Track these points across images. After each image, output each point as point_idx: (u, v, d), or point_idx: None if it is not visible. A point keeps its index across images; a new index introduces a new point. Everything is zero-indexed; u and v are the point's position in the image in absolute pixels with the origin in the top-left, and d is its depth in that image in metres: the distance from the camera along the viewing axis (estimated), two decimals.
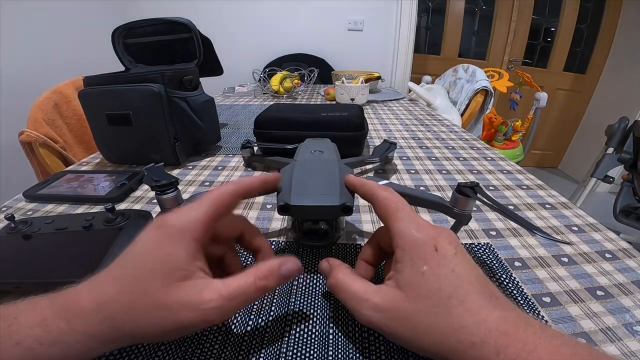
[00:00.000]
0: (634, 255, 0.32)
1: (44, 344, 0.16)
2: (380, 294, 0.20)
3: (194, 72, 0.54)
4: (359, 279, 0.21)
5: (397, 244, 0.20)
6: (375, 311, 0.19)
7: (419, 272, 0.18)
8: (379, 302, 0.19)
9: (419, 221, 0.21)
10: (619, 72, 2.29)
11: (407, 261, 0.19)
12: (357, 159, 0.48)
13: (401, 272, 0.19)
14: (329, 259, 0.24)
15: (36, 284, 0.25)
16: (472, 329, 0.16)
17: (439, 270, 0.18)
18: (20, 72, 1.36)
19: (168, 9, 1.95)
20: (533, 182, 0.48)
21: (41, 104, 0.78)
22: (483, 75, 1.24)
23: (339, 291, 0.21)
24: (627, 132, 1.40)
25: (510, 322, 0.16)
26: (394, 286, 0.19)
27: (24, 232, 0.31)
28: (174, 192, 0.30)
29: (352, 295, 0.20)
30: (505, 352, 0.15)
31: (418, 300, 0.18)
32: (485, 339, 0.16)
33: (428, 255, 0.19)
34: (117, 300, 0.17)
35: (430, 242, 0.19)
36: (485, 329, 0.16)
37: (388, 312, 0.19)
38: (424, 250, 0.19)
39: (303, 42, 2.06)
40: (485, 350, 0.16)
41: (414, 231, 0.20)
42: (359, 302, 0.20)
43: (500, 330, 0.16)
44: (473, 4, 2.32)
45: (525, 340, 0.15)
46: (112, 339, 0.17)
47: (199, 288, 0.18)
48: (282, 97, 1.15)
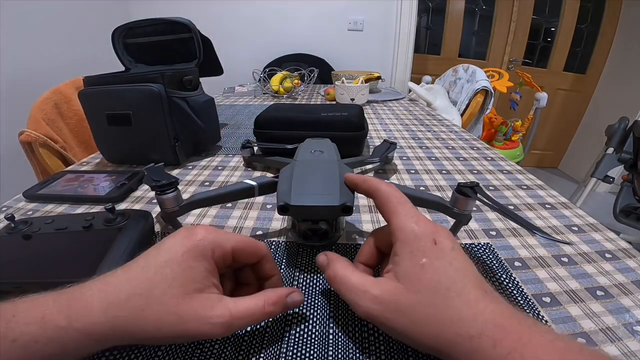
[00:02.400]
0: (634, 255, 0.32)
1: (39, 342, 0.16)
2: (379, 286, 0.20)
3: (194, 72, 0.54)
4: (358, 272, 0.21)
5: (397, 238, 0.20)
6: (374, 303, 0.19)
7: (418, 264, 0.19)
8: (378, 294, 0.19)
9: (418, 216, 0.21)
10: (619, 72, 2.29)
11: (406, 254, 0.19)
12: (357, 159, 0.48)
13: (400, 265, 0.19)
14: (327, 253, 0.24)
15: (36, 284, 0.25)
16: (469, 321, 0.17)
17: (437, 262, 0.19)
18: (20, 72, 1.36)
19: (168, 9, 1.95)
20: (533, 182, 0.48)
21: (41, 104, 0.78)
22: (483, 75, 1.23)
23: (337, 283, 0.21)
24: (627, 132, 1.40)
25: (505, 315, 0.17)
26: (393, 278, 0.19)
27: (24, 232, 0.30)
28: (174, 192, 0.30)
29: (350, 288, 0.20)
30: (502, 344, 0.15)
31: (417, 292, 0.18)
32: (482, 331, 0.16)
33: (427, 248, 0.19)
34: (130, 301, 0.18)
35: (429, 235, 0.20)
36: (482, 321, 0.16)
37: (387, 304, 0.19)
38: (423, 243, 0.19)
39: (303, 42, 2.06)
40: (482, 343, 0.16)
41: (414, 225, 0.20)
42: (357, 294, 0.20)
43: (496, 323, 0.16)
44: (473, 4, 2.32)
45: (520, 334, 0.16)
46: (111, 339, 0.18)
47: (211, 303, 0.19)
48: (282, 97, 1.15)
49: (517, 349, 0.15)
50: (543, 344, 0.15)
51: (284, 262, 0.31)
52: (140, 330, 0.18)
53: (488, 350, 0.16)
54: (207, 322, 0.18)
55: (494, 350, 0.15)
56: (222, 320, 0.18)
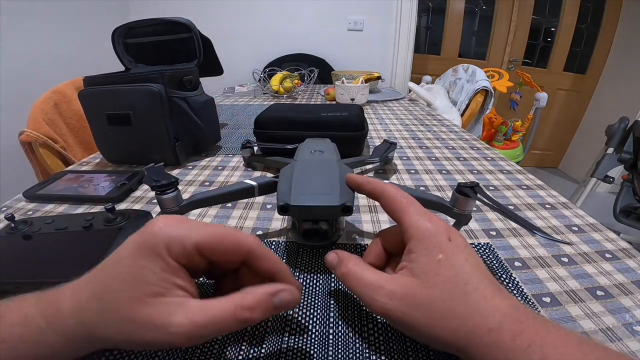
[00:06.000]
0: (634, 255, 0.32)
1: (26, 342, 0.16)
2: (394, 281, 0.19)
3: (194, 72, 0.54)
4: (371, 269, 0.21)
5: (411, 236, 0.20)
6: (390, 299, 0.19)
7: (435, 259, 0.19)
8: (395, 289, 0.19)
9: (430, 215, 0.21)
10: (619, 72, 2.29)
11: (422, 250, 0.20)
12: (357, 159, 0.48)
13: (416, 261, 0.19)
14: (337, 251, 0.24)
15: (36, 284, 0.25)
16: (488, 314, 0.17)
17: (453, 258, 0.19)
18: (20, 72, 1.36)
19: (168, 9, 1.95)
20: (533, 182, 0.48)
21: (41, 104, 0.78)
22: (483, 75, 1.23)
23: (351, 280, 0.21)
24: (627, 132, 1.40)
25: (521, 310, 0.17)
26: (409, 274, 0.19)
27: (24, 232, 0.30)
28: (174, 192, 0.30)
29: (365, 284, 0.20)
30: (521, 337, 0.16)
31: (435, 286, 0.18)
32: (501, 324, 0.16)
33: (443, 244, 0.19)
34: (89, 306, 0.16)
35: (444, 232, 0.20)
36: (500, 314, 0.17)
37: (404, 299, 0.18)
38: (438, 239, 0.20)
39: (303, 42, 2.06)
40: (502, 336, 0.16)
41: (428, 223, 0.20)
42: (373, 290, 0.19)
43: (514, 317, 0.17)
44: (473, 4, 2.32)
45: (537, 328, 0.16)
46: (89, 342, 0.17)
47: (170, 309, 0.16)
48: (282, 97, 1.15)
49: (536, 341, 0.15)
50: (560, 337, 0.16)
51: (284, 262, 0.31)
52: (106, 336, 0.16)
53: (508, 343, 0.16)
54: (165, 332, 0.16)
55: (514, 343, 0.16)
56: (181, 330, 0.16)
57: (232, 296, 0.17)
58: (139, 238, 0.17)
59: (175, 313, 0.16)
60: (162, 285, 0.17)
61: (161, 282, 0.17)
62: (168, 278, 0.17)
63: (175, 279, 0.17)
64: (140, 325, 0.16)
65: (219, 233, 0.19)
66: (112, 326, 0.16)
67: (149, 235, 0.17)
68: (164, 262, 0.17)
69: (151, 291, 0.16)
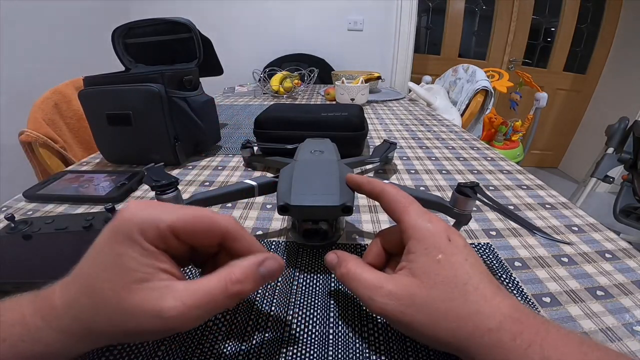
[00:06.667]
0: (634, 255, 0.32)
1: (26, 342, 0.16)
2: (394, 282, 0.19)
3: (194, 72, 0.54)
4: (371, 269, 0.21)
5: (411, 236, 0.20)
6: (390, 299, 0.19)
7: (435, 260, 0.19)
8: (394, 289, 0.19)
9: (430, 215, 0.21)
10: (619, 72, 2.29)
11: (421, 250, 0.20)
12: (357, 159, 0.48)
13: (415, 262, 0.19)
14: (336, 251, 0.24)
15: (36, 284, 0.25)
16: (487, 314, 0.17)
17: (453, 258, 0.19)
18: (20, 72, 1.36)
19: (168, 9, 1.95)
20: (533, 182, 0.48)
21: (41, 104, 0.78)
22: (483, 75, 1.23)
23: (350, 280, 0.21)
24: (627, 132, 1.40)
25: (520, 310, 0.17)
26: (408, 275, 0.19)
27: (24, 232, 0.30)
28: (174, 192, 0.30)
29: (365, 284, 0.20)
30: (521, 337, 0.16)
31: (435, 287, 0.18)
32: (501, 324, 0.16)
33: (442, 245, 0.19)
34: (79, 301, 0.16)
35: (443, 232, 0.20)
36: (500, 314, 0.17)
37: (404, 299, 0.18)
38: (438, 240, 0.20)
39: (303, 42, 2.06)
40: (501, 336, 0.16)
41: (427, 223, 0.20)
42: (372, 290, 0.20)
43: (514, 317, 0.17)
44: (473, 4, 2.32)
45: (537, 328, 0.16)
46: (88, 338, 0.17)
47: (157, 294, 0.16)
48: (282, 97, 1.15)
49: (537, 341, 0.15)
50: (560, 337, 0.16)
51: (284, 261, 0.31)
52: (102, 330, 0.16)
53: (508, 343, 0.16)
54: (158, 317, 0.15)
55: (514, 343, 0.16)
56: (174, 313, 0.15)
57: (219, 272, 0.17)
58: (113, 226, 0.17)
59: (165, 297, 0.16)
60: (144, 271, 0.16)
61: (142, 268, 0.16)
62: (149, 263, 0.17)
63: (156, 262, 0.17)
64: (132, 314, 0.16)
65: (194, 214, 0.18)
66: (105, 318, 0.16)
67: (122, 221, 0.17)
68: (141, 247, 0.16)
69: (134, 278, 0.16)
